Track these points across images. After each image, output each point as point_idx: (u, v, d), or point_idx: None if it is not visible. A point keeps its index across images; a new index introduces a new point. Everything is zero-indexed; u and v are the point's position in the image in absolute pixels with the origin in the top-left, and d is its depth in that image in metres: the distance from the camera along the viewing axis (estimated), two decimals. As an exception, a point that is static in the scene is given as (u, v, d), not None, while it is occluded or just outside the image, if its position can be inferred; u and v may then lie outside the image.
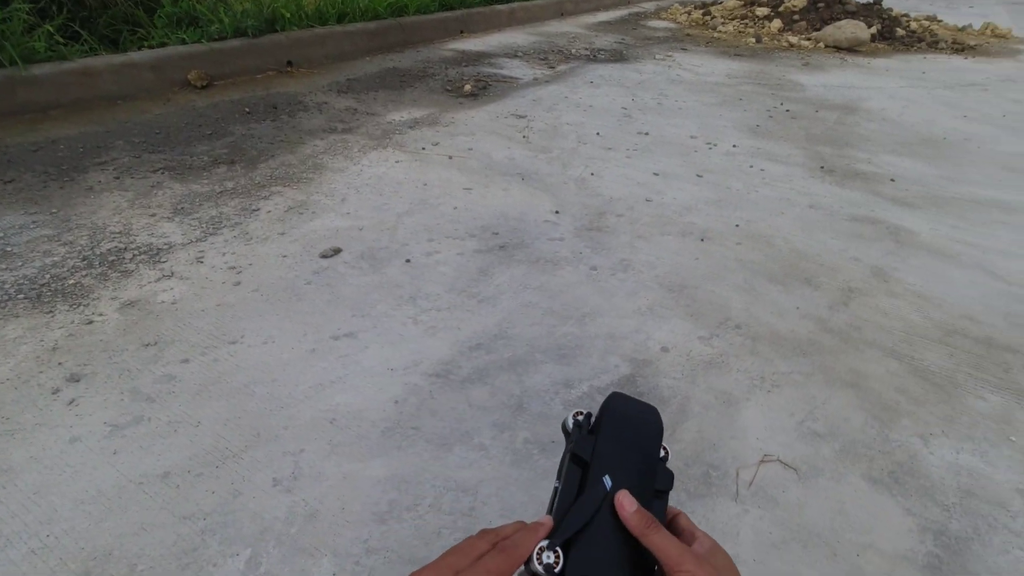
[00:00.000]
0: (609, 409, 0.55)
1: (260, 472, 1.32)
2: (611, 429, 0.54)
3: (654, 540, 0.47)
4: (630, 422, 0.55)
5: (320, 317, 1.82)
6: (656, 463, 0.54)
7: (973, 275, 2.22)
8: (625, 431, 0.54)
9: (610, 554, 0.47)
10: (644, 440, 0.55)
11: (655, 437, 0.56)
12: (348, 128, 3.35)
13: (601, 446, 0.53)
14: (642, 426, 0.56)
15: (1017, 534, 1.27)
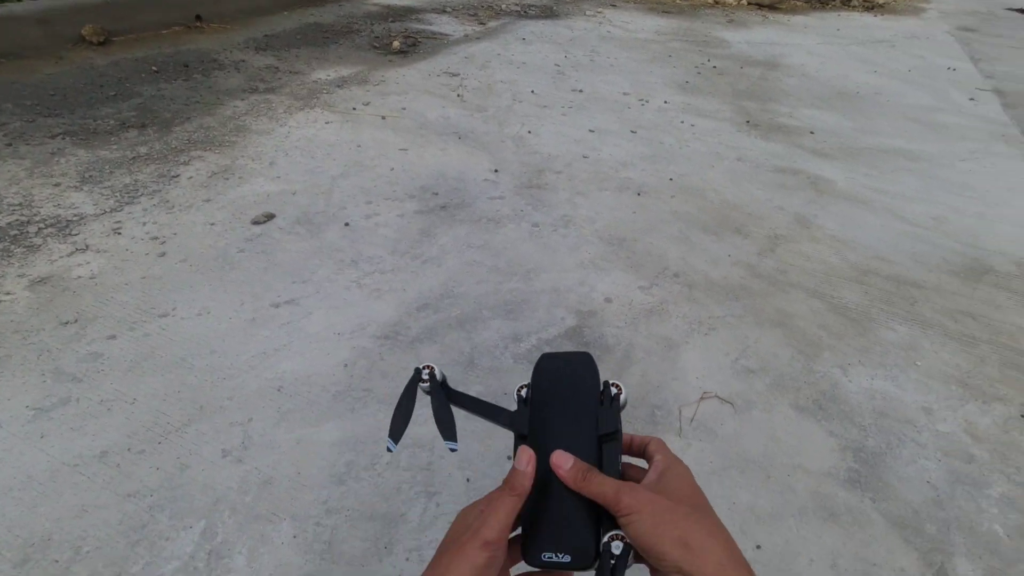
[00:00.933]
0: (538, 373, 0.55)
1: (207, 444, 1.28)
2: (541, 394, 0.53)
3: (591, 489, 0.46)
4: (560, 380, 0.54)
5: (258, 285, 1.75)
6: (595, 410, 0.52)
7: (883, 219, 2.40)
8: (556, 391, 0.53)
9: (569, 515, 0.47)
10: (578, 392, 0.53)
11: (589, 384, 0.54)
12: (271, 88, 3.17)
13: (535, 416, 0.52)
14: (573, 379, 0.54)
15: (923, 446, 1.42)
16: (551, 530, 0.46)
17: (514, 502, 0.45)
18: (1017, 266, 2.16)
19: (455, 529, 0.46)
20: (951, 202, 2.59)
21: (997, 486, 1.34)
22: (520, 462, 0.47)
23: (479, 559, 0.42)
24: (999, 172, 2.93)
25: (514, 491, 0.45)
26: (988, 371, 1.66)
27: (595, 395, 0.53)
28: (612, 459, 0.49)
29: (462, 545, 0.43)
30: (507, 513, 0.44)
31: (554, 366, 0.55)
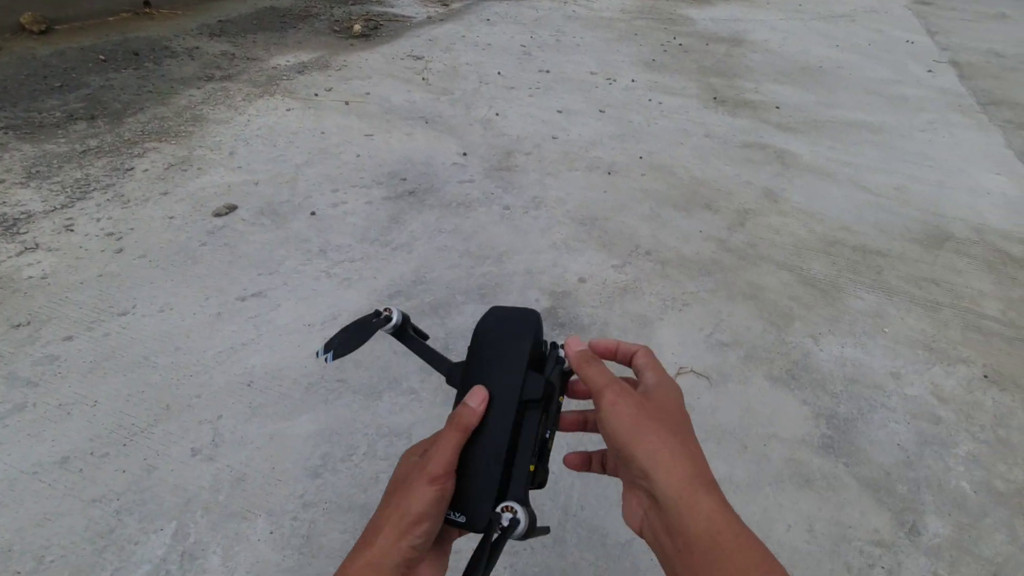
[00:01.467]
0: (478, 327, 0.52)
1: (175, 444, 1.23)
2: (477, 347, 0.51)
3: (585, 372, 0.46)
4: (495, 332, 0.51)
5: (222, 279, 1.69)
6: (524, 369, 0.48)
7: (848, 190, 2.44)
8: (491, 344, 0.51)
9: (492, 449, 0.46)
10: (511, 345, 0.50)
11: (527, 340, 0.50)
12: (227, 75, 3.05)
13: (469, 368, 0.50)
14: (508, 331, 0.51)
15: (892, 409, 1.45)
16: (457, 489, 0.45)
17: (459, 437, 0.45)
18: (975, 231, 2.22)
19: (400, 470, 0.46)
20: (911, 172, 2.64)
21: (963, 445, 1.38)
22: (473, 399, 0.47)
23: (428, 494, 0.42)
24: (956, 142, 3.01)
25: (459, 426, 0.45)
26: (951, 335, 1.71)
27: (526, 356, 0.49)
28: (530, 428, 0.47)
29: (410, 483, 0.43)
30: (453, 448, 0.44)
31: (492, 322, 0.52)
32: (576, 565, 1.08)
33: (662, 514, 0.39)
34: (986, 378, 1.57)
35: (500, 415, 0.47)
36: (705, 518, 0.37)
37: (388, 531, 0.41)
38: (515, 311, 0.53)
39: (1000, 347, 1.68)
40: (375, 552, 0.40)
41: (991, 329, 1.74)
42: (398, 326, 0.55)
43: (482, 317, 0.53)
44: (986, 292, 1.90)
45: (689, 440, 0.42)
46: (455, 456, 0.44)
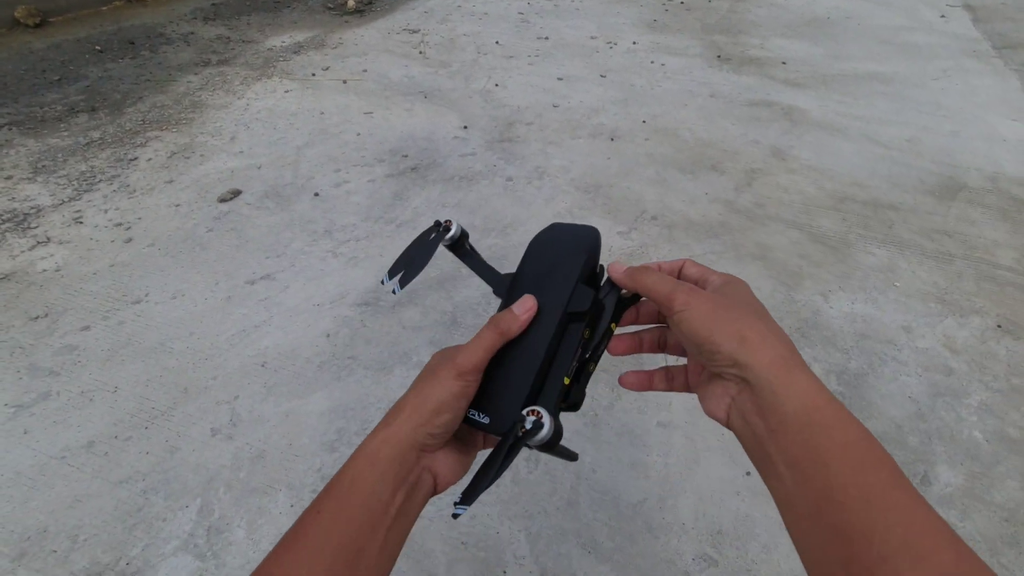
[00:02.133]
0: (532, 241, 0.51)
1: (195, 425, 1.27)
2: (528, 260, 0.50)
3: (644, 282, 0.44)
4: (550, 246, 0.50)
5: (230, 263, 1.71)
6: (574, 281, 0.46)
7: (859, 145, 2.39)
8: (543, 257, 0.49)
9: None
10: (566, 260, 0.48)
11: (580, 255, 0.48)
12: (224, 59, 3.03)
13: (517, 280, 0.49)
14: (564, 246, 0.49)
15: (903, 363, 1.45)
16: (486, 391, 0.44)
17: (495, 339, 0.44)
18: (990, 180, 2.17)
19: (430, 364, 0.46)
20: (924, 122, 2.58)
21: (976, 395, 1.37)
22: (520, 306, 0.46)
23: (452, 386, 0.42)
24: (971, 89, 2.92)
25: (498, 328, 0.44)
26: (965, 286, 1.69)
27: (578, 270, 0.47)
28: (571, 341, 0.45)
29: (437, 372, 0.44)
30: (486, 348, 0.44)
31: (549, 236, 0.51)
32: (589, 526, 1.10)
33: (754, 396, 0.38)
34: (1000, 328, 1.55)
35: (542, 323, 0.45)
36: (801, 393, 0.36)
37: (408, 413, 0.42)
38: (574, 227, 0.51)
39: (1015, 296, 1.66)
40: (392, 431, 0.42)
41: (1005, 279, 1.72)
42: (455, 238, 0.53)
43: (540, 231, 0.52)
44: (1000, 241, 1.87)
45: (773, 323, 0.41)
46: (486, 356, 0.44)
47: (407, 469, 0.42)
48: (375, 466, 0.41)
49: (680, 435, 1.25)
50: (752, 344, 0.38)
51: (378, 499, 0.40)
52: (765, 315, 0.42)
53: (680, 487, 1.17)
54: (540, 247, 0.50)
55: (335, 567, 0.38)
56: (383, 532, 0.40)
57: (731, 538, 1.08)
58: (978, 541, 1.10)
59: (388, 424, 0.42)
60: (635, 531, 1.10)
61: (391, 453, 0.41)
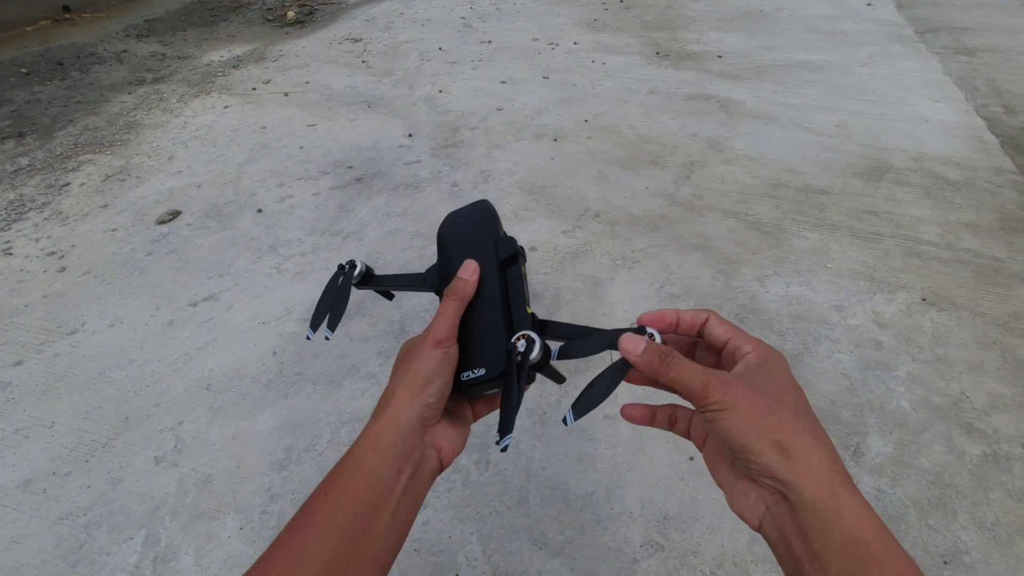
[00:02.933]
0: (440, 231, 0.56)
1: (138, 455, 1.24)
2: (446, 244, 0.54)
3: (671, 375, 0.39)
4: (457, 227, 0.55)
5: (171, 286, 1.68)
6: (493, 242, 0.51)
7: (791, 132, 2.48)
8: (456, 238, 0.54)
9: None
10: (474, 230, 0.53)
11: (487, 223, 0.54)
12: (159, 77, 2.96)
13: (444, 265, 0.53)
14: (469, 222, 0.55)
15: (836, 341, 1.51)
16: (468, 352, 0.47)
17: (457, 305, 0.47)
18: (914, 160, 2.28)
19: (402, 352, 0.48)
20: (853, 107, 2.69)
21: (903, 367, 1.45)
22: (465, 271, 0.49)
23: (435, 355, 0.44)
24: (896, 73, 3.06)
25: (456, 296, 0.47)
26: (892, 263, 1.77)
27: (492, 231, 0.53)
28: (516, 281, 0.50)
29: (417, 350, 0.45)
30: (452, 314, 0.47)
31: (452, 221, 0.56)
32: (540, 522, 1.12)
33: (796, 516, 0.35)
34: (924, 301, 1.63)
35: (486, 278, 0.50)
36: (850, 524, 0.33)
37: (401, 393, 0.44)
38: (467, 206, 0.57)
39: (938, 270, 1.75)
40: (390, 413, 0.43)
41: (929, 253, 1.81)
42: (363, 273, 0.57)
43: (440, 225, 0.57)
44: (924, 218, 1.96)
45: (817, 427, 0.37)
46: (456, 322, 0.46)
47: (411, 447, 0.43)
48: (378, 449, 0.42)
49: (626, 426, 1.29)
50: (795, 458, 0.35)
51: (381, 479, 0.41)
52: (808, 413, 0.38)
53: (627, 477, 1.20)
54: (448, 231, 0.55)
55: (341, 546, 0.39)
56: (389, 512, 0.41)
57: (676, 522, 1.12)
58: (907, 506, 1.16)
59: (384, 409, 0.44)
60: (584, 523, 1.12)
61: (393, 435, 0.42)
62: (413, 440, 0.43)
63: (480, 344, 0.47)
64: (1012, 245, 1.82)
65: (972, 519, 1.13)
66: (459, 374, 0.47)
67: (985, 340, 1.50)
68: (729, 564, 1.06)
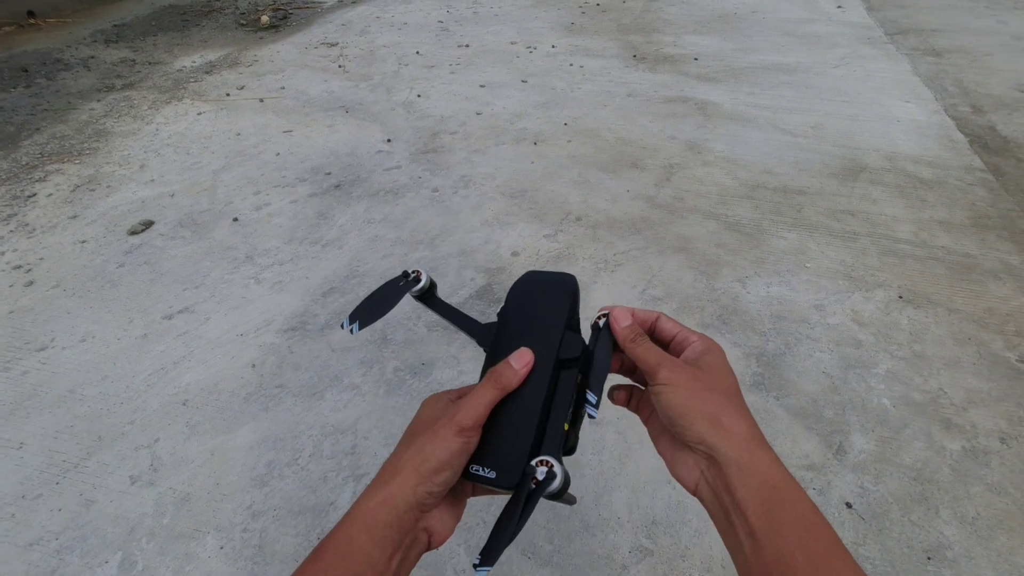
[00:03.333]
0: (513, 290, 0.52)
1: (112, 474, 1.20)
2: (512, 309, 0.51)
3: (636, 351, 0.47)
4: (532, 294, 0.51)
5: (145, 299, 1.63)
6: (560, 331, 0.48)
7: (767, 134, 2.51)
8: (528, 306, 0.50)
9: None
10: (547, 307, 0.50)
11: (564, 304, 0.50)
12: (129, 83, 2.89)
13: (501, 331, 0.49)
14: (546, 293, 0.51)
15: (816, 340, 1.53)
16: (486, 445, 0.44)
17: (496, 395, 0.45)
18: (888, 160, 2.32)
19: (425, 413, 0.46)
20: (827, 108, 2.73)
21: (882, 364, 1.47)
22: (518, 360, 0.46)
23: (453, 444, 0.42)
24: (867, 74, 3.12)
25: (498, 385, 0.45)
26: (869, 261, 1.80)
27: (564, 318, 0.49)
28: (566, 389, 0.47)
29: (436, 429, 0.43)
30: (487, 404, 0.44)
31: (530, 283, 0.53)
32: (528, 531, 1.11)
33: (722, 473, 0.41)
34: (901, 298, 1.66)
35: (537, 373, 0.46)
36: (763, 472, 0.41)
37: (407, 473, 0.42)
38: (551, 275, 0.53)
39: (913, 267, 1.78)
40: (391, 491, 0.41)
41: (905, 251, 1.84)
42: (425, 289, 0.53)
43: (518, 280, 0.53)
44: (899, 217, 2.00)
45: (742, 405, 0.45)
46: (487, 412, 0.44)
47: (404, 531, 0.41)
48: (372, 531, 0.40)
49: (612, 431, 1.28)
50: (723, 427, 0.43)
51: (373, 565, 0.39)
52: (737, 395, 0.46)
53: (614, 482, 1.19)
54: (521, 296, 0.51)
55: None
56: None
57: (664, 526, 1.12)
58: (891, 503, 1.17)
59: (385, 483, 0.42)
60: (572, 531, 1.11)
61: (389, 517, 0.40)
62: (408, 524, 0.42)
63: (501, 444, 0.45)
64: (984, 242, 1.86)
65: (954, 514, 1.15)
66: (468, 464, 0.44)
67: (961, 336, 1.53)
68: (718, 567, 1.06)
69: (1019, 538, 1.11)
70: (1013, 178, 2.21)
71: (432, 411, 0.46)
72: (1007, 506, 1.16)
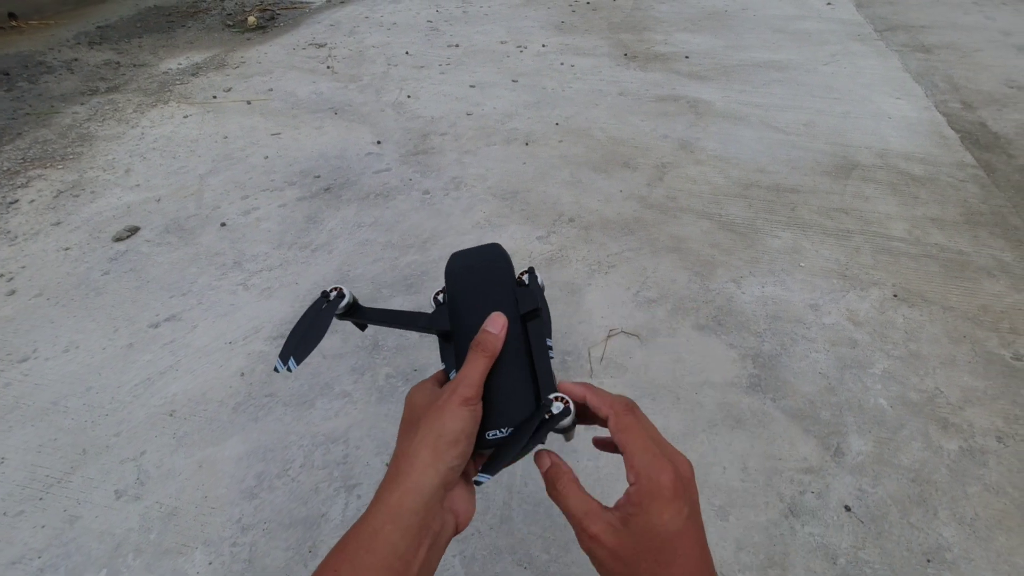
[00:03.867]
0: (450, 273, 0.53)
1: (97, 489, 1.17)
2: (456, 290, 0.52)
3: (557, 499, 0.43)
4: (473, 273, 0.53)
5: (130, 307, 1.60)
6: (512, 291, 0.51)
7: (760, 132, 2.50)
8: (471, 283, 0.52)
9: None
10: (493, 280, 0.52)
11: (503, 271, 0.52)
12: (114, 86, 2.85)
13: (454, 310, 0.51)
14: (486, 270, 0.53)
15: (812, 340, 1.52)
16: (492, 411, 0.45)
17: (487, 362, 0.45)
18: (879, 157, 2.32)
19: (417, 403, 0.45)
20: (818, 106, 2.73)
21: (879, 364, 1.46)
22: (493, 325, 0.46)
23: (463, 413, 0.42)
24: (857, 71, 3.12)
25: (486, 351, 0.45)
26: (863, 260, 1.79)
27: (510, 280, 0.51)
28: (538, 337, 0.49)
29: (440, 407, 0.43)
30: (480, 372, 0.44)
31: (465, 263, 0.54)
32: (524, 541, 1.09)
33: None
34: (896, 297, 1.65)
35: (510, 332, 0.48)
36: None
37: (424, 454, 0.41)
38: (478, 248, 0.55)
39: (908, 265, 1.77)
40: (414, 477, 0.40)
41: (898, 249, 1.84)
42: (351, 304, 0.53)
43: (449, 264, 0.54)
44: (892, 214, 1.99)
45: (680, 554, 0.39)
46: (483, 380, 0.44)
47: (431, 516, 0.40)
48: (398, 520, 0.39)
49: (608, 436, 1.27)
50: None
51: (400, 556, 0.38)
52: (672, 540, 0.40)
53: (611, 489, 1.17)
54: (460, 273, 0.53)
55: None
56: None
57: (662, 534, 1.10)
58: (889, 505, 1.16)
59: (405, 474, 0.41)
60: (569, 540, 1.09)
61: (416, 504, 0.40)
62: (435, 507, 0.41)
63: (507, 402, 0.46)
64: (976, 239, 1.86)
65: (952, 515, 1.14)
66: (483, 432, 0.44)
67: (956, 334, 1.52)
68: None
69: (1018, 538, 1.10)
70: (1004, 174, 2.21)
71: (423, 398, 0.46)
72: (1005, 506, 1.15)
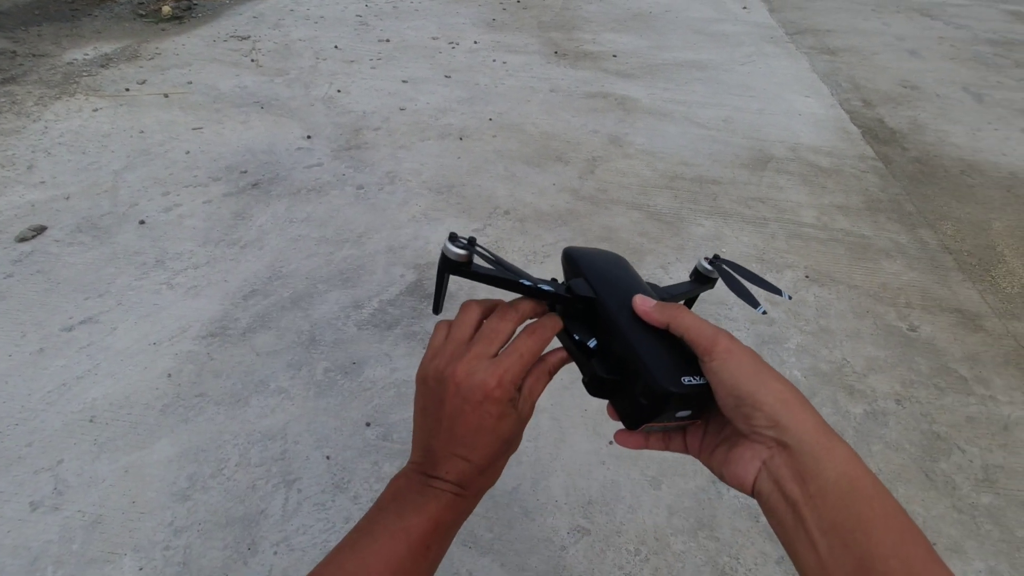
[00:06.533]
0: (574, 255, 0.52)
1: (8, 502, 1.09)
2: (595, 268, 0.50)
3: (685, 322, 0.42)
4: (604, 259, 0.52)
5: (39, 311, 1.50)
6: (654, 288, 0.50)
7: (683, 127, 2.62)
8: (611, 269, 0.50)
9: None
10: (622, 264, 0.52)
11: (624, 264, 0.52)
12: (10, 77, 2.64)
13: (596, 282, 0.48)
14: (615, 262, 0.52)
15: (734, 320, 1.62)
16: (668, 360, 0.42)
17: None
18: (791, 151, 2.49)
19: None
20: (736, 103, 2.89)
21: (793, 339, 1.57)
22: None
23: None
24: (771, 71, 3.32)
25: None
26: (778, 244, 1.92)
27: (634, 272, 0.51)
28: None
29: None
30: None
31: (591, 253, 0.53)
32: (468, 522, 1.11)
33: (794, 460, 0.37)
34: (807, 278, 1.78)
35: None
36: (842, 461, 0.36)
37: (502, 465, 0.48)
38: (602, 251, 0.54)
39: (817, 249, 1.92)
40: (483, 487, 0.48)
41: (809, 234, 1.98)
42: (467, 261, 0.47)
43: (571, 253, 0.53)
44: (803, 203, 2.15)
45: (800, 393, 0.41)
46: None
47: None
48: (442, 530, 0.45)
49: (547, 417, 1.30)
50: (795, 408, 0.38)
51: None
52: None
53: (550, 467, 1.21)
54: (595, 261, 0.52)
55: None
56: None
57: (600, 505, 1.15)
58: (804, 465, 1.26)
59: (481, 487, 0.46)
60: (512, 517, 1.12)
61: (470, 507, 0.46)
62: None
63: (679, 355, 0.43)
64: (876, 224, 2.04)
65: (858, 472, 1.25)
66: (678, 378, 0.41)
67: (860, 310, 1.67)
68: (651, 539, 1.10)
69: (915, 488, 1.22)
70: (899, 165, 2.43)
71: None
72: (904, 461, 1.27)
